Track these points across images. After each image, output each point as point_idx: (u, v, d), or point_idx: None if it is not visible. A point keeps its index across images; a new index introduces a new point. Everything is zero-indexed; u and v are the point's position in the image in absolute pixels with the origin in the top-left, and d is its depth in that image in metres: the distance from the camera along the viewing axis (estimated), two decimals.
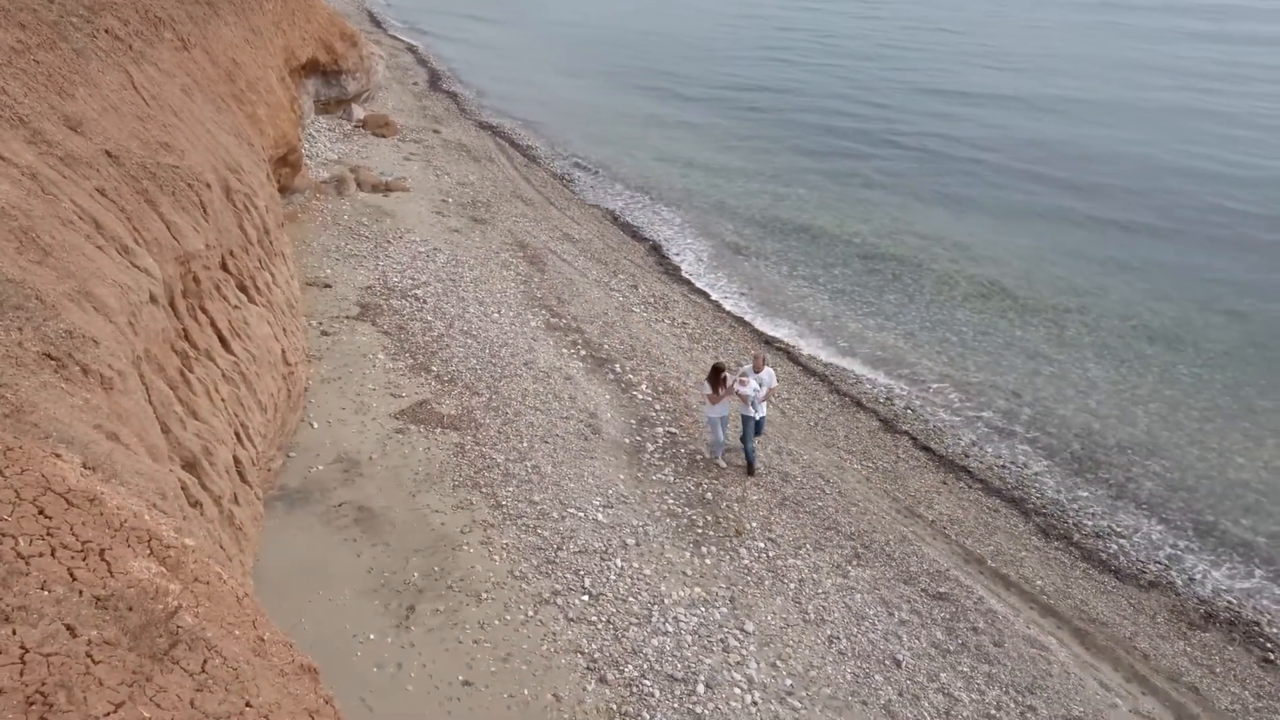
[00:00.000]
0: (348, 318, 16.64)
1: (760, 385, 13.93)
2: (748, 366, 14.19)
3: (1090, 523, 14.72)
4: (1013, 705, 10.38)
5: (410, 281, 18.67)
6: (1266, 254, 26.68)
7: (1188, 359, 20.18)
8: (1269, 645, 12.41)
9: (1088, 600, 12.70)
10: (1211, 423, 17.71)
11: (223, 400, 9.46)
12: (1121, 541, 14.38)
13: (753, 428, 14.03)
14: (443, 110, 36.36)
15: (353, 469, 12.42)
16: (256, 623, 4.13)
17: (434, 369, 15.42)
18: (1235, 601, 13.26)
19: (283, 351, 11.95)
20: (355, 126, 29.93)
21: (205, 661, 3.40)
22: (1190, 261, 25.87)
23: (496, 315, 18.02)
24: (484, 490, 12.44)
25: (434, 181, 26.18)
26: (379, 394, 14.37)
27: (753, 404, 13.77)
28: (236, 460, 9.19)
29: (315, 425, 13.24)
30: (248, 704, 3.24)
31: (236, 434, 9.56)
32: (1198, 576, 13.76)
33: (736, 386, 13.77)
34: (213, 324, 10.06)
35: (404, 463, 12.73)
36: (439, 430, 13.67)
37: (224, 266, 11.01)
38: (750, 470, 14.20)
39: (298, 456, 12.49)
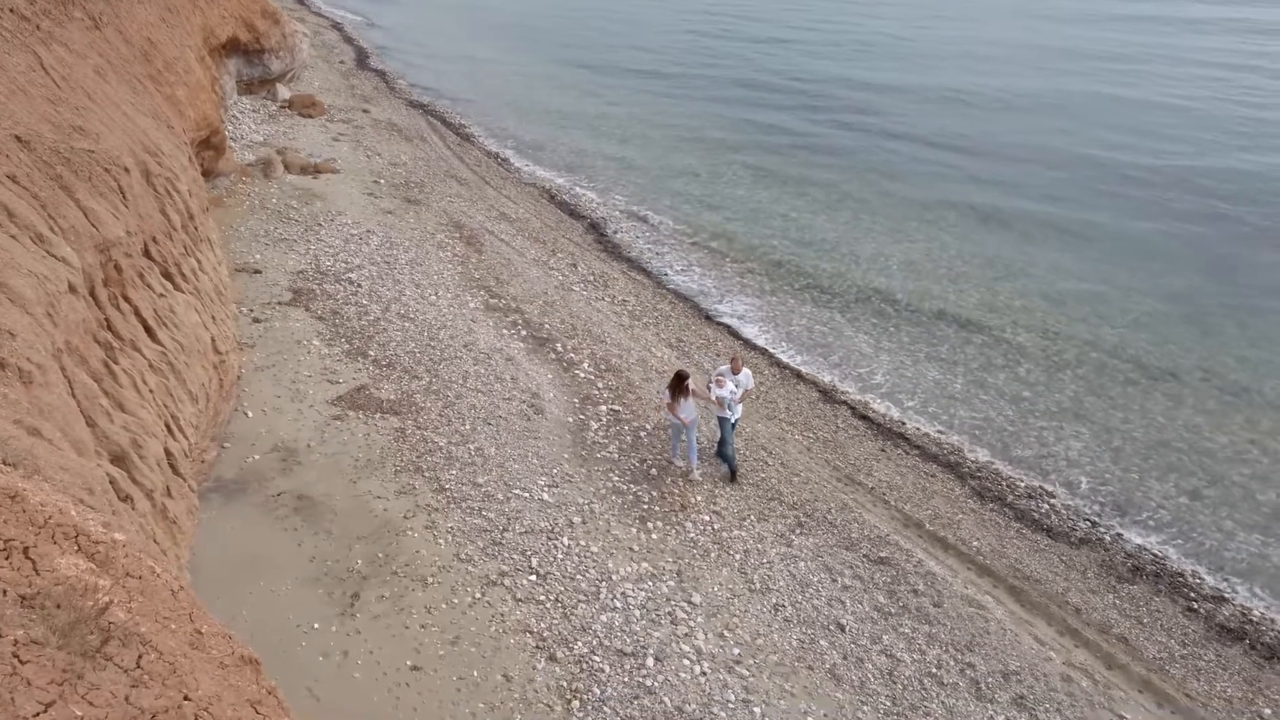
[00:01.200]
0: (280, 303, 16.26)
1: (737, 387, 13.39)
2: (724, 367, 13.70)
3: (1023, 484, 15.18)
4: (952, 663, 10.69)
5: (343, 265, 18.30)
6: (1183, 221, 27.66)
7: (1112, 323, 20.85)
8: (1192, 595, 12.96)
9: (1022, 559, 13.11)
10: (1135, 385, 18.36)
11: (151, 391, 9.18)
12: (1052, 501, 14.86)
13: (730, 431, 13.47)
14: (371, 89, 35.59)
15: (290, 458, 12.19)
16: (193, 616, 4.04)
17: (371, 353, 15.17)
18: (1160, 555, 13.81)
19: (212, 340, 11.63)
20: (281, 107, 29.13)
21: (140, 657, 3.31)
22: (1112, 230, 26.69)
23: (434, 297, 17.78)
24: (427, 474, 12.31)
25: (365, 162, 25.65)
26: (315, 380, 14.09)
27: (729, 406, 13.21)
28: (168, 452, 8.94)
29: (250, 414, 12.94)
30: (186, 698, 3.16)
31: (167, 426, 9.30)
32: (1125, 533, 14.29)
33: (713, 389, 13.19)
34: (137, 313, 9.74)
35: (343, 449, 12.53)
36: (378, 415, 13.48)
37: (147, 253, 10.65)
38: (733, 476, 13.61)
39: (233, 447, 12.21)
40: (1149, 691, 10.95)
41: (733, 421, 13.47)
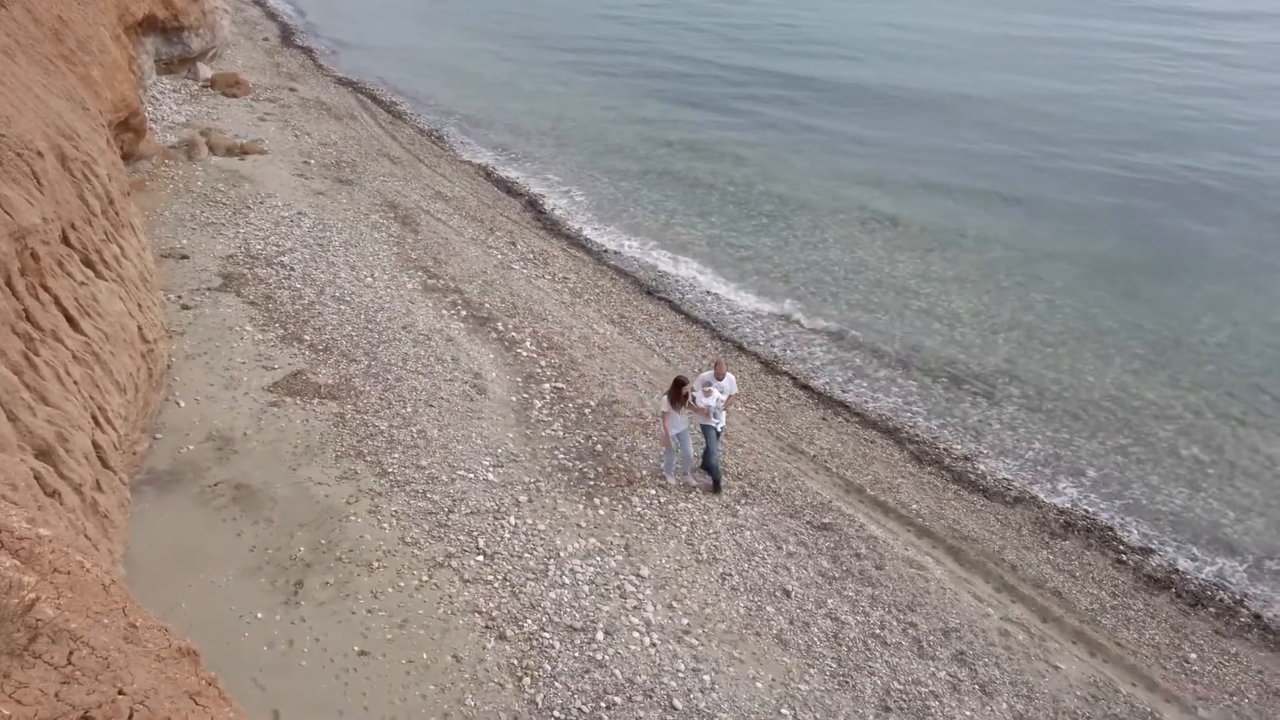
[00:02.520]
0: (209, 289, 15.82)
1: (722, 393, 12.78)
2: (708, 374, 12.97)
3: (959, 447, 15.56)
4: (895, 623, 10.96)
5: (275, 248, 17.86)
6: (1108, 185, 28.45)
7: (1042, 287, 21.41)
8: (1121, 548, 13.47)
9: (959, 519, 13.46)
10: (1065, 346, 18.91)
11: (75, 383, 8.87)
12: (988, 462, 15.26)
13: (715, 439, 12.77)
14: (298, 67, 34.64)
15: (226, 446, 11.91)
16: (126, 610, 3.94)
17: (307, 338, 14.87)
18: (1090, 511, 14.31)
19: (139, 328, 11.27)
20: (203, 86, 28.19)
21: (71, 653, 3.22)
22: (1038, 198, 27.32)
23: (370, 279, 17.47)
24: (368, 459, 12.15)
25: (293, 142, 24.99)
26: (249, 367, 13.77)
27: (713, 413, 12.62)
28: (96, 445, 8.67)
29: (182, 404, 12.60)
30: (120, 692, 3.09)
31: (94, 418, 9.00)
32: (1056, 490, 14.76)
33: (698, 398, 12.47)
34: (57, 302, 9.38)
35: (281, 436, 12.28)
36: (317, 401, 13.24)
37: (66, 240, 10.25)
38: (716, 488, 12.93)
39: (165, 437, 11.89)
40: (1082, 642, 11.37)
41: (719, 430, 12.82)
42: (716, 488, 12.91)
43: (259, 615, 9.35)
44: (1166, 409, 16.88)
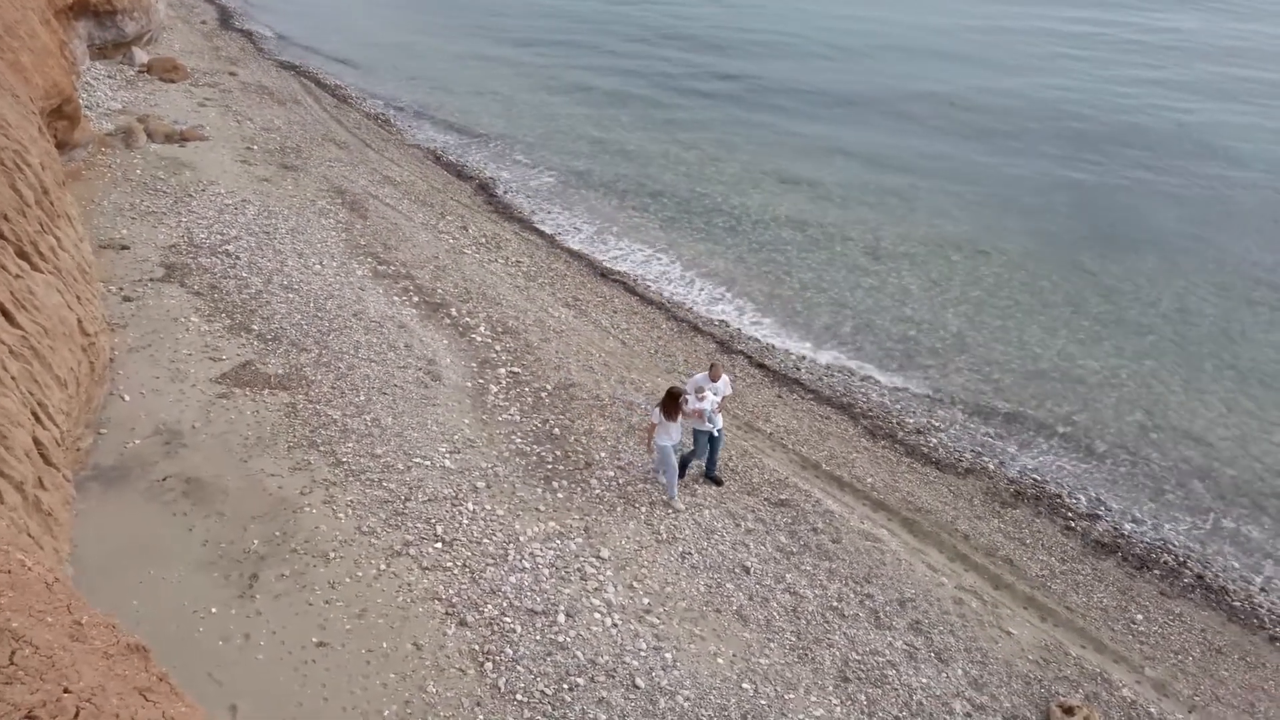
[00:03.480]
0: (152, 280, 15.43)
1: (716, 395, 12.38)
2: (701, 376, 12.60)
3: (912, 420, 15.80)
4: (852, 595, 11.13)
5: (219, 237, 17.46)
6: (1051, 160, 28.96)
7: (989, 261, 21.77)
8: (1069, 515, 13.81)
9: (913, 491, 13.69)
10: (1012, 319, 19.26)
11: (13, 378, 8.61)
12: (940, 435, 15.53)
13: (705, 442, 12.46)
14: (238, 50, 33.79)
15: (175, 440, 11.66)
16: (71, 607, 3.84)
17: (255, 328, 14.59)
18: (1039, 479, 14.64)
19: (78, 321, 10.96)
20: (139, 72, 27.37)
21: (13, 653, 3.13)
22: (986, 173, 27.74)
23: (319, 266, 17.17)
24: (322, 449, 11.98)
25: (235, 128, 24.41)
26: (196, 359, 13.48)
27: (709, 417, 12.18)
28: (37, 442, 8.43)
29: (127, 398, 12.30)
30: (66, 690, 3.01)
31: (34, 413, 8.75)
32: (1007, 460, 15.08)
33: (691, 401, 12.01)
34: None
35: (231, 428, 12.05)
36: (267, 391, 13.01)
37: None
38: (718, 482, 12.84)
39: (110, 432, 11.59)
40: (1033, 608, 11.66)
41: (715, 432, 12.40)
42: (716, 481, 12.86)
43: (213, 610, 9.20)
44: (1111, 378, 17.31)
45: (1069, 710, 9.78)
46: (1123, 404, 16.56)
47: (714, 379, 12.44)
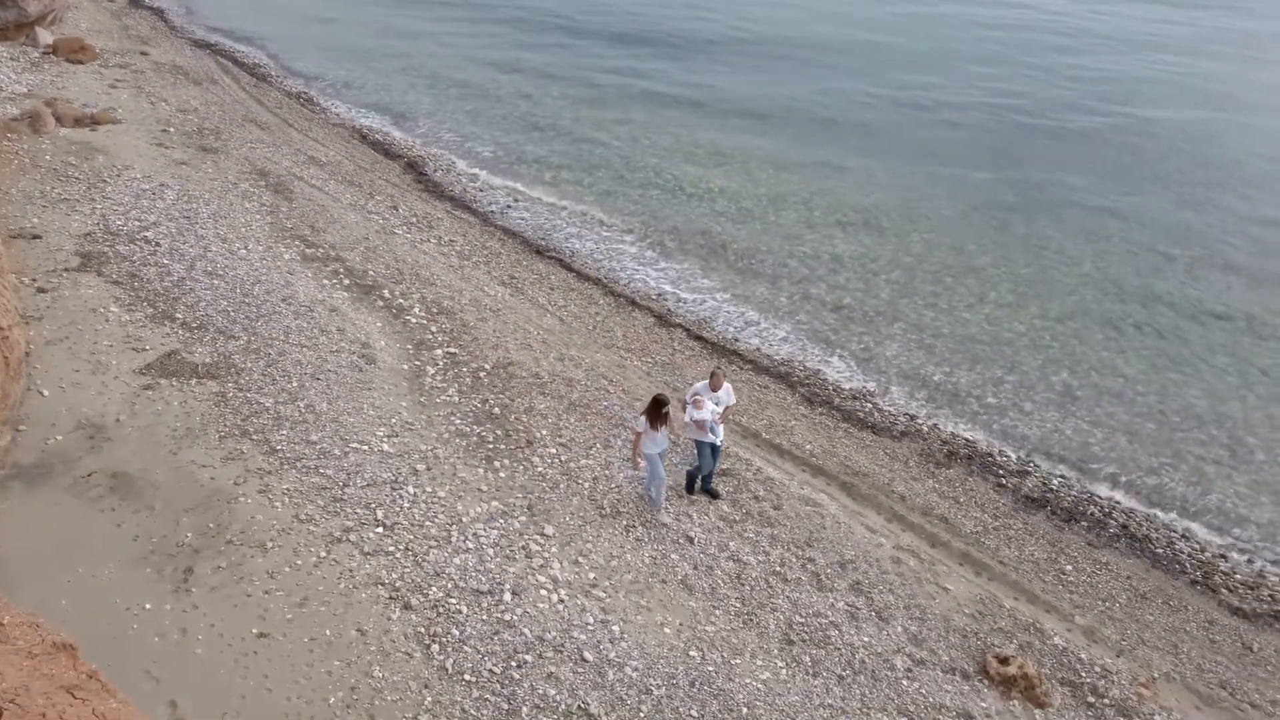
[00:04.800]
0: (67, 270, 14.83)
1: (718, 404, 11.74)
2: (701, 385, 11.96)
3: (847, 386, 16.07)
4: (794, 560, 11.32)
5: (137, 224, 16.84)
6: (977, 130, 29.54)
7: (919, 228, 22.17)
8: (1000, 472, 14.22)
9: (851, 456, 13.95)
10: (942, 284, 19.68)
11: None
12: (875, 400, 15.83)
13: (709, 455, 11.81)
14: (149, 29, 32.50)
15: (99, 434, 11.27)
16: None
17: (179, 316, 14.14)
18: (971, 439, 15.04)
19: None
20: (44, 53, 26.16)
21: None
22: (912, 141, 28.19)
23: (244, 251, 16.69)
24: (255, 437, 11.70)
25: (150, 110, 23.51)
26: (118, 350, 13.02)
27: (710, 428, 11.50)
28: None
29: (46, 392, 11.83)
30: None
31: None
32: (940, 422, 15.45)
33: (691, 412, 11.46)
34: None
35: (158, 420, 11.69)
36: (194, 381, 12.64)
37: None
38: (715, 494, 12.22)
39: (29, 429, 11.15)
40: (968, 563, 12.00)
41: (718, 444, 11.81)
42: (711, 494, 12.23)
43: (147, 606, 8.95)
44: (1037, 339, 17.82)
45: (1004, 661, 10.11)
46: (1048, 364, 17.07)
47: (715, 388, 11.76)
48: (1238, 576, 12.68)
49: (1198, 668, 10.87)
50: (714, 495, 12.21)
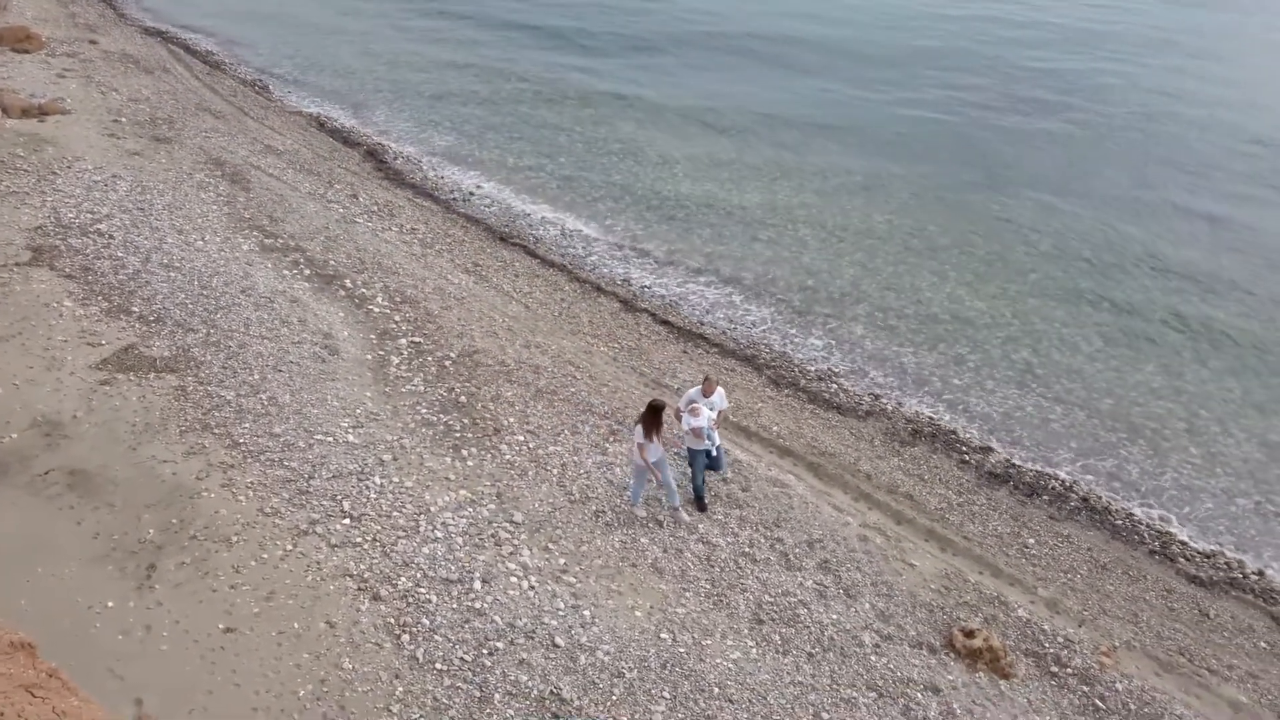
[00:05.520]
0: (18, 264, 14.49)
1: (712, 409, 11.47)
2: (693, 391, 11.69)
3: (813, 368, 16.18)
4: (763, 540, 11.41)
5: (89, 216, 16.48)
6: (936, 111, 29.76)
7: (881, 208, 22.33)
8: (964, 450, 14.41)
9: (817, 437, 14.06)
10: (904, 264, 19.85)
11: None
12: (841, 381, 15.95)
13: (703, 462, 11.48)
14: (96, 17, 31.71)
15: (55, 431, 11.05)
16: None
17: (135, 309, 13.88)
18: (935, 417, 15.22)
19: None
20: None
21: None
22: (873, 122, 28.34)
23: (201, 243, 16.40)
24: (216, 431, 11.54)
25: (100, 100, 22.97)
26: (73, 345, 12.76)
27: (706, 435, 11.22)
28: None
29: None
30: None
31: None
32: (904, 401, 15.61)
33: (688, 420, 11.19)
34: None
35: (116, 416, 11.49)
36: (153, 375, 12.43)
37: None
38: (700, 505, 11.73)
39: None
40: (933, 539, 12.17)
41: (713, 450, 11.49)
42: (700, 505, 11.72)
43: (110, 604, 8.82)
44: (997, 318, 18.06)
45: (969, 634, 10.28)
46: (1009, 342, 17.31)
47: (707, 394, 11.51)
48: (1194, 546, 12.99)
49: (1157, 635, 11.14)
50: (702, 508, 11.71)
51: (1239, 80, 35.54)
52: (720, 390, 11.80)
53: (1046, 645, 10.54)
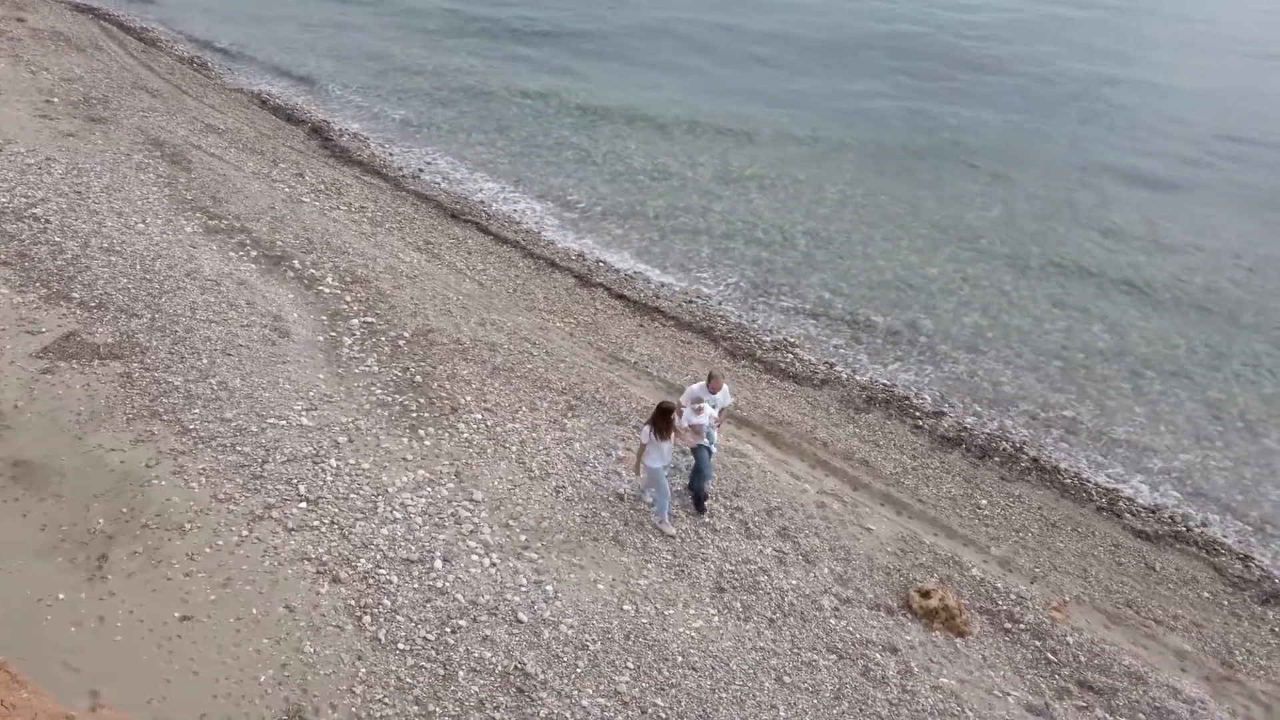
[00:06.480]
0: None
1: (715, 406, 11.17)
2: (697, 387, 11.32)
3: (769, 338, 16.29)
4: (723, 510, 11.50)
5: (23, 200, 15.93)
6: (885, 80, 29.90)
7: (832, 177, 22.46)
8: (917, 415, 14.65)
9: (774, 406, 14.18)
10: (857, 233, 20.01)
11: None
12: (796, 351, 16.09)
13: (707, 459, 11.14)
14: None
15: None
16: None
17: (76, 295, 13.48)
18: (889, 383, 15.44)
19: None
20: None
21: None
22: (825, 93, 28.41)
23: (141, 225, 15.96)
24: (165, 418, 11.29)
25: (30, 80, 22.14)
26: (11, 334, 12.36)
27: (706, 432, 10.99)
28: None
29: None
30: None
31: None
32: (859, 369, 15.81)
33: (689, 417, 10.84)
34: None
35: (60, 405, 11.18)
36: (97, 362, 12.10)
37: None
38: (700, 507, 11.36)
39: None
40: (889, 504, 12.38)
41: (711, 448, 11.21)
42: (700, 507, 11.37)
43: (61, 596, 8.62)
44: (949, 283, 18.32)
45: (925, 594, 10.50)
46: (960, 307, 17.57)
47: (714, 390, 11.19)
48: (1140, 502, 13.38)
49: (1105, 589, 11.47)
50: (699, 505, 11.36)
51: (1177, 49, 36.24)
52: (725, 387, 11.44)
53: (1000, 602, 10.81)
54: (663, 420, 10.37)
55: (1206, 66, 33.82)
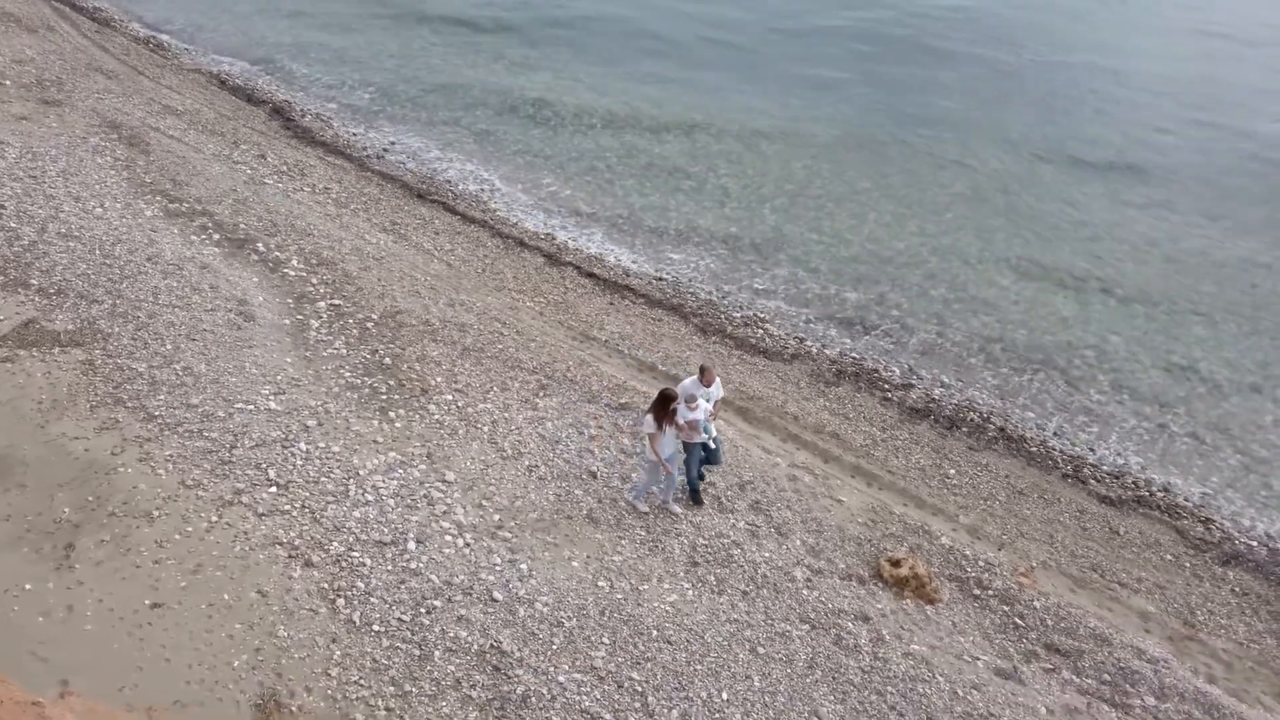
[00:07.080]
0: None
1: (709, 400, 10.99)
2: (690, 381, 11.14)
3: (739, 314, 16.35)
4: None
5: None
6: (851, 54, 29.92)
7: (799, 154, 22.48)
8: (886, 387, 14.79)
9: (745, 381, 14.25)
10: (825, 208, 20.09)
11: None
12: (766, 326, 16.16)
13: (699, 455, 10.99)
14: None
15: None
16: None
17: (34, 282, 13.21)
18: (858, 356, 15.57)
19: None
20: None
21: None
22: (787, 68, 28.39)
23: (100, 210, 15.64)
24: (129, 405, 11.13)
25: None
26: None
27: (704, 428, 10.82)
28: None
29: None
30: None
31: None
32: (828, 342, 15.92)
33: (684, 413, 10.59)
34: None
35: (21, 393, 10.98)
36: (57, 350, 11.88)
37: None
38: (696, 499, 11.28)
39: None
40: (860, 475, 12.52)
41: (710, 443, 11.00)
42: (696, 498, 11.29)
43: (27, 587, 8.51)
44: (915, 256, 18.46)
45: (896, 563, 10.65)
46: (927, 280, 17.73)
47: (706, 384, 11.03)
48: (1104, 468, 13.63)
49: (1071, 554, 11.70)
50: (698, 501, 11.28)
51: (1149, 34, 36.57)
52: (718, 380, 11.33)
53: (968, 570, 10.99)
54: (663, 406, 10.27)
55: (1177, 50, 34.17)
